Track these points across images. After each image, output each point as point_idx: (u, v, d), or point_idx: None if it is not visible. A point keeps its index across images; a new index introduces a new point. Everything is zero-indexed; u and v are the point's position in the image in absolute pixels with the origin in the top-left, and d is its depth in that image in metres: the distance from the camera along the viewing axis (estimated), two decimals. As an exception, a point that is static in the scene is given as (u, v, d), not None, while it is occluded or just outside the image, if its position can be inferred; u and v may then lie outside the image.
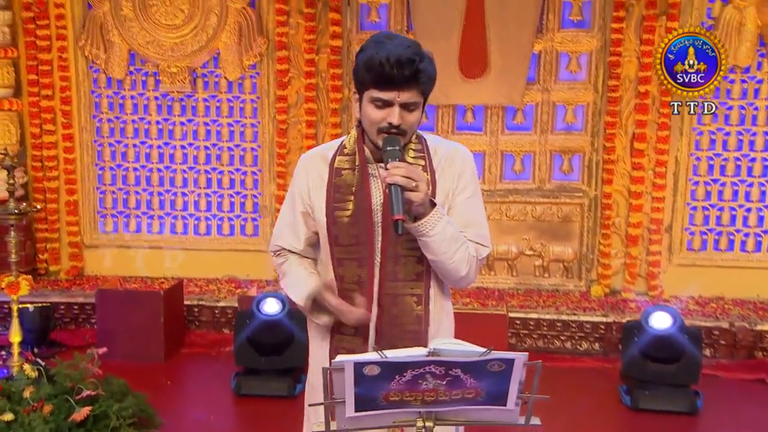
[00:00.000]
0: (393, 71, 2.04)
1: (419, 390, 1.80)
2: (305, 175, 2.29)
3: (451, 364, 1.76)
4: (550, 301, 5.81)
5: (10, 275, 4.14)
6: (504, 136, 6.05)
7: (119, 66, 6.12)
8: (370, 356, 1.76)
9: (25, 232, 6.19)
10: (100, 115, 6.27)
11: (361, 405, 1.81)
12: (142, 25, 6.04)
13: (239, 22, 5.97)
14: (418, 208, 2.06)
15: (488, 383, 1.81)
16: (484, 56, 5.81)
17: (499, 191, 6.10)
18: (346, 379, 1.75)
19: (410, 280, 2.21)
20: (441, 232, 2.10)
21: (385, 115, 2.10)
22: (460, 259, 2.16)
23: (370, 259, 2.19)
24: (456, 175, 2.25)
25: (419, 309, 2.23)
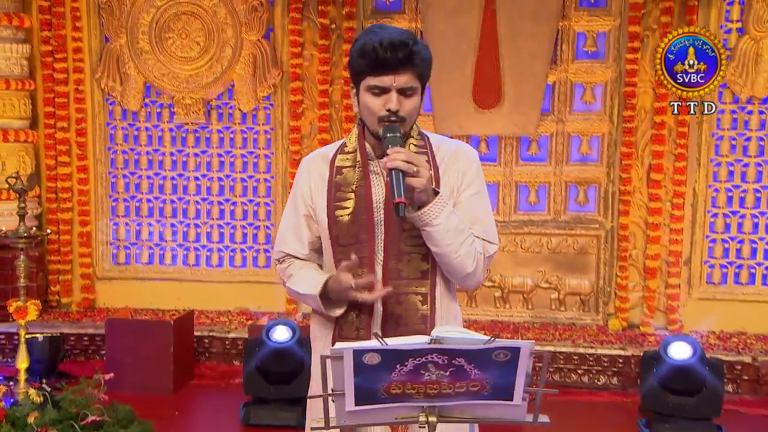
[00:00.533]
0: (387, 54, 2.04)
1: (422, 381, 1.73)
2: (307, 177, 2.26)
3: (454, 353, 1.69)
4: (566, 335, 5.70)
5: (18, 300, 4.11)
6: (518, 167, 6.01)
7: (135, 98, 6.17)
8: (371, 344, 1.70)
9: (38, 264, 6.19)
10: (114, 147, 6.31)
11: (362, 398, 1.74)
12: (158, 57, 6.10)
13: (254, 54, 6.02)
14: (420, 195, 2.02)
15: (494, 375, 1.74)
16: (498, 87, 5.80)
17: (513, 222, 6.04)
18: (346, 369, 1.68)
19: (415, 278, 2.16)
20: (445, 222, 2.05)
21: (383, 102, 2.08)
22: (466, 253, 2.11)
23: (370, 257, 2.14)
24: (460, 171, 2.21)
25: (425, 308, 2.16)
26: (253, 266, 6.28)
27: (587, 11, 5.84)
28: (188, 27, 6.05)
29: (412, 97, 2.11)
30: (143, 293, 6.29)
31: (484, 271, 2.21)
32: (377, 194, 2.17)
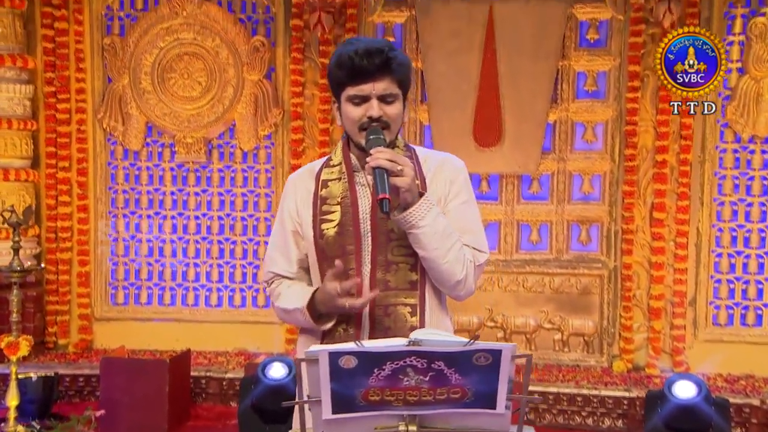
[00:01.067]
0: (363, 62, 2.04)
1: (401, 387, 1.67)
2: (293, 193, 2.24)
3: (433, 356, 1.63)
4: (570, 376, 5.58)
5: (10, 336, 4.06)
6: (520, 206, 5.97)
7: (136, 138, 6.19)
8: (347, 346, 1.64)
9: (36, 304, 6.14)
10: (115, 187, 6.31)
11: (339, 405, 1.68)
12: (160, 97, 6.14)
13: (255, 93, 6.05)
14: (405, 194, 1.99)
15: (475, 381, 1.68)
16: (499, 125, 5.79)
17: (515, 261, 5.97)
18: (321, 373, 1.63)
19: (403, 288, 2.11)
20: (431, 224, 2.02)
21: (364, 111, 2.07)
22: (455, 258, 2.06)
23: (358, 268, 2.10)
24: (448, 181, 2.19)
25: (414, 320, 2.11)
26: (252, 306, 6.22)
27: (587, 51, 5.86)
28: (190, 67, 6.10)
29: (393, 104, 2.11)
30: (141, 334, 6.21)
31: (476, 281, 2.16)
32: (363, 205, 2.14)
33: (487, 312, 5.95)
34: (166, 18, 6.11)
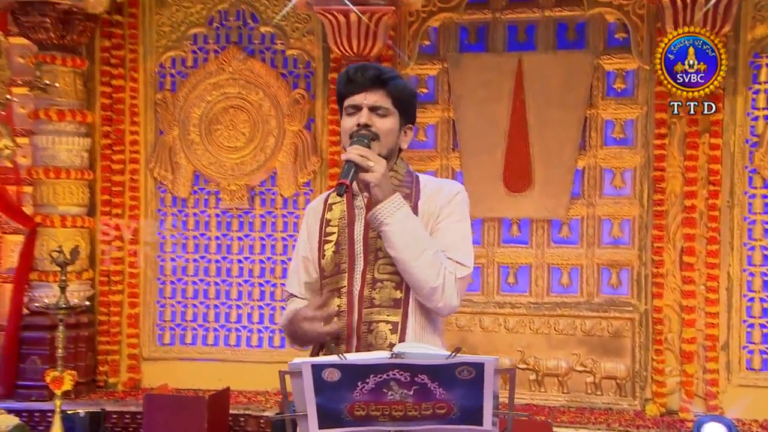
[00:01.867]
0: (357, 74, 2.11)
1: (385, 402, 1.59)
2: (306, 220, 2.26)
3: (416, 369, 1.56)
4: (602, 419, 5.37)
5: (55, 370, 4.07)
6: (550, 250, 5.84)
7: (184, 186, 6.27)
8: (330, 358, 1.58)
9: (88, 344, 6.17)
10: (164, 232, 6.37)
11: (326, 420, 1.61)
12: (207, 147, 6.23)
13: (295, 143, 6.10)
14: (374, 189, 1.97)
15: (459, 395, 1.59)
16: (528, 172, 5.72)
17: (546, 304, 5.82)
18: (305, 386, 1.56)
19: (386, 306, 2.06)
20: (400, 222, 1.98)
21: (356, 120, 2.08)
22: (428, 263, 2.00)
23: (349, 287, 2.07)
24: (442, 202, 2.15)
25: (393, 337, 2.05)
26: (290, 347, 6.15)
27: (614, 100, 5.78)
28: (235, 119, 6.19)
29: (385, 117, 2.11)
30: (186, 373, 6.18)
31: (457, 294, 2.07)
32: (358, 227, 2.12)
33: (518, 354, 5.78)
34: (213, 74, 6.23)
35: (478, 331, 5.87)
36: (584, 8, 5.76)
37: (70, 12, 5.89)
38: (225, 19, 6.30)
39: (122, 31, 6.35)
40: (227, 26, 6.29)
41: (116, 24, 6.32)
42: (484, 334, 5.87)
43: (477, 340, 5.87)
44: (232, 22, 6.28)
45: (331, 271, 2.12)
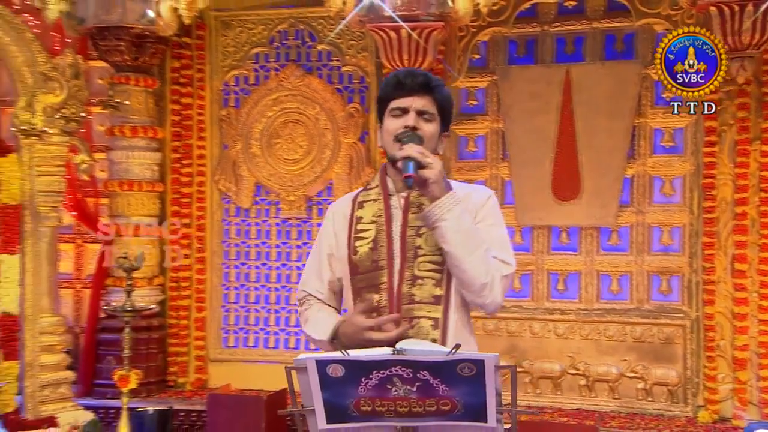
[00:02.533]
0: (406, 80, 2.11)
1: (390, 398, 1.57)
2: (332, 219, 2.24)
3: (417, 365, 1.53)
4: (652, 424, 5.19)
5: (122, 369, 4.18)
6: (599, 257, 5.70)
7: (247, 197, 6.37)
8: (333, 354, 1.57)
9: (159, 346, 6.33)
10: (228, 241, 6.48)
11: (333, 415, 1.60)
12: (267, 160, 6.32)
13: (350, 155, 6.13)
14: (432, 186, 1.96)
15: (462, 392, 1.56)
16: (577, 180, 5.61)
17: (596, 311, 5.68)
18: (311, 381, 1.56)
19: (427, 302, 2.04)
20: (456, 218, 1.97)
21: (403, 122, 2.08)
22: (479, 260, 1.98)
23: (389, 283, 2.05)
24: (475, 205, 2.13)
25: (435, 333, 2.03)
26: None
27: (663, 109, 5.60)
28: (293, 133, 6.27)
29: (430, 122, 2.11)
30: (249, 375, 6.25)
31: (501, 291, 2.05)
32: (396, 225, 2.10)
33: (568, 360, 5.65)
34: (273, 90, 6.32)
35: (528, 337, 5.77)
36: (632, 19, 5.63)
37: (143, 35, 6.06)
38: (285, 39, 6.39)
39: (190, 52, 6.51)
40: (287, 45, 6.38)
41: (185, 46, 6.48)
42: (534, 340, 5.76)
43: (527, 345, 5.77)
44: (291, 41, 6.37)
45: (367, 268, 2.10)
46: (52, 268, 5.19)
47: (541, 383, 5.71)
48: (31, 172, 5.08)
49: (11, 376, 4.97)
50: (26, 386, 4.96)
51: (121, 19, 5.94)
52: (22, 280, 5.03)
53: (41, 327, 5.05)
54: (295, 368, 1.59)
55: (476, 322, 5.81)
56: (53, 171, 5.16)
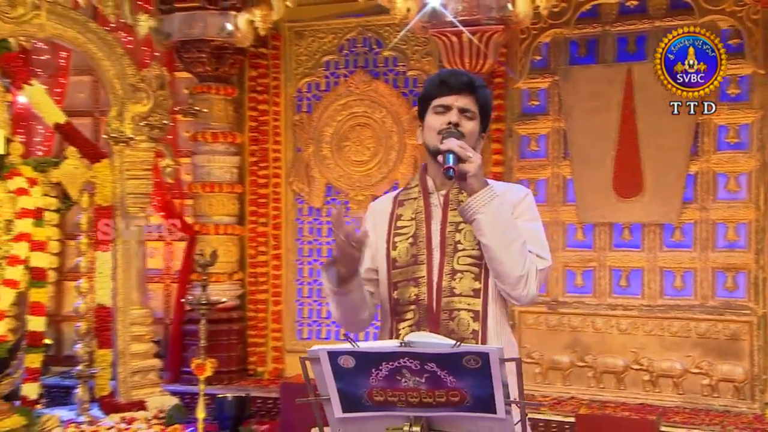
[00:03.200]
0: (450, 79, 2.11)
1: (400, 388, 1.57)
2: (372, 215, 2.24)
3: (424, 357, 1.53)
4: (717, 420, 5.00)
5: (199, 358, 4.33)
6: (662, 253, 5.52)
7: (318, 197, 6.49)
8: (343, 346, 1.58)
9: (239, 337, 6.52)
10: (301, 239, 6.61)
11: (348, 405, 1.61)
12: (337, 162, 6.42)
13: (415, 156, 6.15)
14: (471, 179, 1.95)
15: (470, 384, 1.54)
16: (639, 178, 5.46)
17: (659, 307, 5.51)
18: (324, 371, 1.57)
19: (467, 295, 2.03)
20: (494, 211, 1.94)
21: (446, 119, 2.07)
22: (517, 252, 1.96)
23: (428, 276, 2.05)
24: (512, 202, 2.08)
25: (475, 325, 2.02)
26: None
27: (728, 105, 5.38)
28: (361, 136, 6.35)
29: (471, 120, 2.11)
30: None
31: (537, 284, 2.02)
32: (435, 222, 2.10)
33: (632, 355, 5.50)
34: (343, 96, 6.41)
35: (591, 332, 5.65)
36: (696, 16, 5.42)
37: (223, 47, 6.25)
38: (353, 46, 6.47)
39: (267, 61, 6.67)
40: (355, 52, 6.46)
41: (261, 56, 6.64)
42: (596, 335, 5.64)
43: (590, 340, 5.65)
44: (359, 48, 6.45)
45: (406, 262, 2.09)
46: (140, 264, 5.42)
47: (605, 378, 5.58)
48: (122, 176, 5.29)
49: (105, 362, 5.19)
50: (119, 372, 5.19)
51: (203, 33, 6.14)
52: (113, 275, 5.26)
53: (131, 318, 5.27)
54: (309, 359, 1.61)
55: (538, 317, 5.78)
56: (141, 175, 5.37)
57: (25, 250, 4.84)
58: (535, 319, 5.80)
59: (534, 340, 5.79)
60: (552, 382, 5.73)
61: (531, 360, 5.75)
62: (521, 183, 5.87)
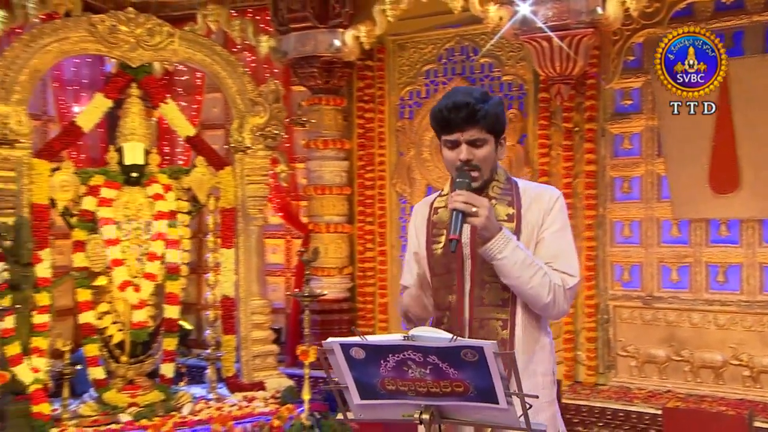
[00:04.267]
0: (450, 116, 2.02)
1: (408, 378, 1.61)
2: (414, 219, 2.27)
3: (426, 350, 1.55)
4: (821, 419, 4.65)
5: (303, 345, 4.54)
6: (762, 249, 5.17)
7: (419, 197, 6.55)
8: (353, 339, 1.63)
9: (349, 326, 6.68)
10: (404, 236, 6.69)
11: (365, 392, 1.66)
12: (436, 164, 6.46)
13: (510, 156, 6.08)
14: (482, 232, 1.93)
15: (471, 376, 1.55)
16: (735, 173, 5.14)
17: (758, 302, 5.16)
18: (339, 361, 1.63)
19: (495, 305, 2.03)
20: (510, 256, 1.92)
21: (457, 154, 2.04)
22: (539, 284, 1.93)
23: (459, 285, 2.05)
24: (543, 210, 2.06)
25: (504, 333, 2.02)
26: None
27: (828, 97, 4.99)
28: (459, 139, 6.35)
29: (482, 147, 2.05)
30: None
31: (567, 302, 2.00)
32: (465, 232, 2.07)
33: (730, 350, 5.20)
34: (441, 102, 6.45)
35: (687, 327, 5.39)
36: (796, 8, 5.06)
37: (332, 62, 6.46)
38: (451, 55, 6.50)
39: (372, 73, 6.82)
40: (453, 61, 6.49)
41: (368, 68, 6.81)
42: (693, 330, 5.37)
43: (686, 335, 5.40)
44: (457, 56, 6.47)
45: (441, 271, 2.10)
46: (259, 259, 5.71)
47: (702, 372, 5.31)
48: (242, 181, 5.59)
49: (230, 347, 5.52)
50: (242, 356, 5.50)
51: (314, 50, 6.38)
52: (236, 269, 5.57)
53: (252, 308, 5.57)
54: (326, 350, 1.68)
55: (633, 312, 5.59)
56: (259, 180, 5.64)
57: (161, 247, 5.24)
58: (630, 314, 5.61)
59: (629, 334, 5.60)
60: (648, 376, 5.52)
61: (626, 353, 5.57)
62: (615, 181, 5.71)
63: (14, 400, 4.50)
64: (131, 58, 5.27)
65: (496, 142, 2.12)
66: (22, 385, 4.54)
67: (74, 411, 4.82)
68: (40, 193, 4.92)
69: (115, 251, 5.10)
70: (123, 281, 5.08)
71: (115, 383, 5.07)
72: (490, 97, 2.10)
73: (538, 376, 2.05)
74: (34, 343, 4.66)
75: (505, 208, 2.08)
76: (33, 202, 4.88)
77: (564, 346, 5.77)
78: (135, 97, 5.36)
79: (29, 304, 4.67)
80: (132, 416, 4.80)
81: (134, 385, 5.11)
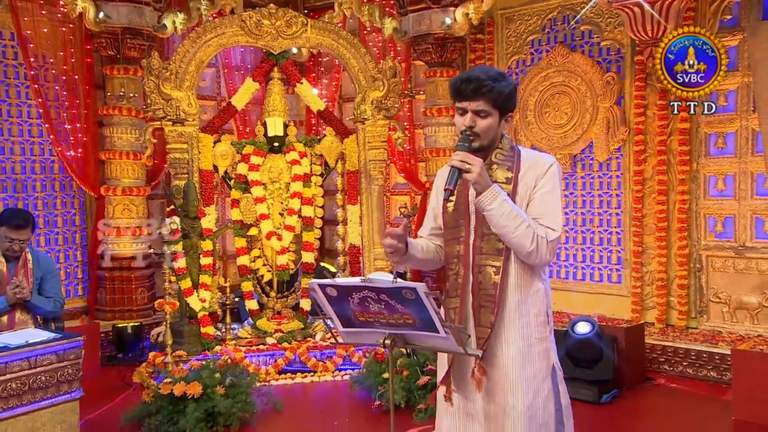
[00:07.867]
0: (462, 86, 2.13)
1: (371, 312, 1.84)
2: (437, 181, 2.39)
3: (377, 290, 1.77)
4: None
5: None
6: None
7: (525, 157, 6.57)
8: (326, 281, 1.87)
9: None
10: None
11: (344, 322, 1.91)
12: (539, 126, 6.44)
13: (607, 117, 5.94)
14: (475, 186, 2.06)
15: (414, 310, 1.76)
16: (834, 126, 4.69)
17: None
18: (320, 299, 1.88)
19: (491, 254, 2.14)
20: (497, 207, 2.04)
21: (463, 121, 2.15)
22: (523, 234, 2.04)
23: (465, 237, 2.19)
24: (536, 175, 2.15)
25: (496, 278, 2.12)
26: (608, 281, 6.08)
27: None
28: (559, 102, 6.27)
29: (486, 119, 2.12)
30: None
31: (549, 252, 2.09)
32: (471, 194, 2.18)
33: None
34: (544, 69, 6.38)
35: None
36: None
37: (445, 37, 6.60)
38: (554, 25, 6.38)
39: (482, 45, 6.86)
40: (555, 30, 6.37)
41: (479, 41, 6.86)
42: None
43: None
44: (559, 26, 6.34)
45: (452, 224, 2.23)
46: (380, 213, 6.09)
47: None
48: (364, 147, 5.97)
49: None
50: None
51: (429, 28, 6.54)
52: (360, 222, 6.00)
53: (374, 254, 5.99)
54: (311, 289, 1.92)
55: (726, 261, 5.36)
56: (378, 145, 6.00)
57: (298, 204, 5.79)
58: (723, 263, 5.36)
59: (722, 282, 5.36)
60: (740, 321, 5.28)
61: (718, 300, 5.35)
62: (709, 137, 5.42)
63: (188, 323, 5.28)
64: (273, 47, 5.77)
65: (501, 116, 2.19)
66: (194, 312, 5.31)
67: (235, 334, 5.55)
68: (205, 161, 5.62)
69: (262, 207, 5.72)
70: (268, 232, 5.70)
71: (266, 313, 5.75)
72: (504, 78, 2.17)
73: (531, 316, 2.14)
74: (201, 280, 5.40)
75: (505, 172, 2.17)
76: (201, 168, 5.58)
77: (657, 292, 5.65)
78: (276, 80, 5.88)
79: (197, 249, 5.40)
80: (276, 339, 5.43)
81: (280, 315, 5.76)
